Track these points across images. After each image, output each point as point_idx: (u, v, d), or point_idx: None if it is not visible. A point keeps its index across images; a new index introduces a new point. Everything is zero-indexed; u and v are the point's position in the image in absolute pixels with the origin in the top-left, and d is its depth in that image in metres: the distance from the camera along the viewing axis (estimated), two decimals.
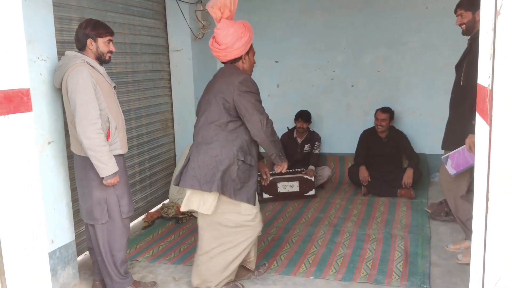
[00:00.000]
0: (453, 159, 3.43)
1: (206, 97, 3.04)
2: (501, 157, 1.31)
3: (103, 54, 3.02)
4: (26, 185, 1.69)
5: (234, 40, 2.92)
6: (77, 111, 2.81)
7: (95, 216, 3.02)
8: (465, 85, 3.37)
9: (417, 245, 3.79)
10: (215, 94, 2.95)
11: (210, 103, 2.97)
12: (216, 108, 2.94)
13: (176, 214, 4.67)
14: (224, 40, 2.92)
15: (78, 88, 2.80)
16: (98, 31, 2.98)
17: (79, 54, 2.97)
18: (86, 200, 3.04)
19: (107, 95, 2.96)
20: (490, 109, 1.31)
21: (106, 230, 3.07)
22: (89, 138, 2.81)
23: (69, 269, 3.30)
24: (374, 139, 5.34)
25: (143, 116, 4.81)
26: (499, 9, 1.27)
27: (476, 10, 3.27)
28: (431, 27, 5.42)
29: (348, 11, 5.70)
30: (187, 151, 4.76)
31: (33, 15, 2.91)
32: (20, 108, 1.65)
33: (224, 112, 2.92)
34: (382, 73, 5.71)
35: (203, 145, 2.96)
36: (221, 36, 2.93)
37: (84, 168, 2.99)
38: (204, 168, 2.91)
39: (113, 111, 3.00)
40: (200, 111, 3.07)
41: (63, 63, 2.92)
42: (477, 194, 1.51)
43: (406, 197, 5.03)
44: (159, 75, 5.16)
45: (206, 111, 2.99)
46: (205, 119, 2.98)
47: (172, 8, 5.20)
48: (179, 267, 3.61)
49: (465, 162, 3.36)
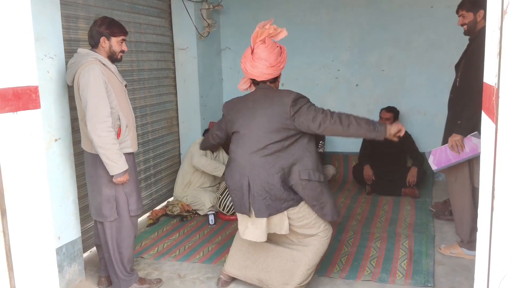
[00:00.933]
0: (435, 155, 3.51)
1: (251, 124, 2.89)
2: (507, 155, 1.31)
3: (115, 53, 3.04)
4: (33, 182, 1.71)
5: (281, 59, 2.90)
6: (88, 108, 2.81)
7: (104, 213, 3.03)
8: (461, 86, 3.38)
9: (421, 243, 3.79)
10: (268, 119, 2.85)
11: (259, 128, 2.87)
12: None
13: (181, 212, 4.69)
14: (270, 58, 2.85)
15: (90, 86, 2.81)
16: (112, 30, 3.00)
17: (91, 52, 2.98)
18: (96, 197, 3.05)
19: (118, 93, 2.97)
20: (496, 108, 1.32)
21: (115, 228, 3.08)
22: (100, 136, 2.82)
23: (75, 265, 3.32)
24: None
25: (148, 114, 4.83)
26: (505, 8, 1.27)
27: (478, 11, 3.28)
28: (436, 26, 5.41)
29: (353, 10, 5.69)
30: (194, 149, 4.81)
31: (40, 14, 2.93)
32: (29, 105, 1.66)
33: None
34: (387, 72, 5.70)
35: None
36: (267, 53, 2.85)
37: (94, 165, 3.00)
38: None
39: (124, 109, 3.01)
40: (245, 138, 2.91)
41: (75, 61, 2.93)
42: (483, 192, 1.51)
43: (411, 196, 5.03)
44: (164, 74, 5.17)
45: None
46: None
47: (177, 7, 5.21)
48: (184, 264, 3.62)
49: (447, 160, 3.43)
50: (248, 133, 2.89)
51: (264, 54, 2.85)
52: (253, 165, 2.83)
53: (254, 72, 2.89)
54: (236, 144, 2.95)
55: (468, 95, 3.25)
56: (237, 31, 6.06)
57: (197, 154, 4.76)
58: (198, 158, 4.74)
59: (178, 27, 5.29)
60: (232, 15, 6.04)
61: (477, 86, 3.25)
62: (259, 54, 2.86)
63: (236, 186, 2.90)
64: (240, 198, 2.88)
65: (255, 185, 2.82)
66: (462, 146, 3.33)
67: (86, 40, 3.69)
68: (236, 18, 6.04)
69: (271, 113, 2.85)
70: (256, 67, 2.86)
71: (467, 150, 3.32)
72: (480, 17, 3.26)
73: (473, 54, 3.23)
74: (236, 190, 2.90)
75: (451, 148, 3.37)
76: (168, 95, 5.26)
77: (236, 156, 2.93)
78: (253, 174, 2.82)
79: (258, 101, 2.93)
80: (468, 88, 3.26)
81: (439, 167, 3.50)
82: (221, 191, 4.61)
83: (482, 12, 3.25)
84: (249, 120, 2.91)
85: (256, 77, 2.92)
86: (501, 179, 1.33)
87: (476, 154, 3.28)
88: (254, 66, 2.87)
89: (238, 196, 2.89)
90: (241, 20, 6.02)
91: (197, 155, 4.76)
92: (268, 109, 2.86)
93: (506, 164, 1.32)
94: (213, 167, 4.73)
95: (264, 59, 2.85)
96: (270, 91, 2.95)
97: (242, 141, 2.91)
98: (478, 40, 3.20)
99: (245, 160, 2.86)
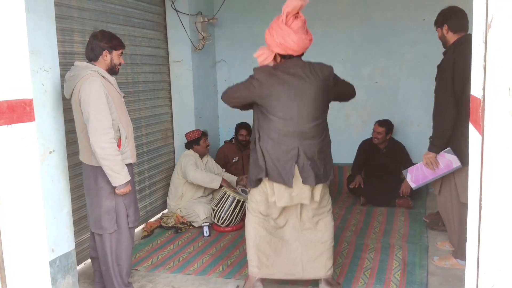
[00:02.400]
0: (412, 173, 3.62)
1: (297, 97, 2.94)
2: (493, 166, 1.34)
3: (115, 66, 3.08)
4: (27, 194, 1.71)
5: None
6: (90, 121, 2.83)
7: (103, 225, 3.02)
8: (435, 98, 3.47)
9: (415, 254, 3.80)
10: (316, 91, 2.95)
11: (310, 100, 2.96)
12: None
13: (175, 224, 4.69)
14: (308, 31, 2.95)
15: (91, 98, 2.83)
16: (114, 43, 3.04)
17: (90, 64, 3.00)
18: (95, 209, 3.04)
19: (118, 105, 3.00)
20: (482, 120, 1.35)
21: (114, 240, 3.07)
22: (103, 147, 2.83)
23: (69, 278, 3.31)
24: (373, 150, 5.38)
25: (143, 126, 4.85)
26: (489, 22, 1.30)
27: (442, 25, 3.41)
28: (428, 38, 5.46)
29: (347, 23, 5.75)
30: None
31: (36, 27, 2.96)
32: (23, 118, 1.68)
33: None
34: (380, 84, 5.76)
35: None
36: (305, 26, 2.92)
37: (93, 177, 3.00)
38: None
39: (124, 121, 3.03)
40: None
41: (74, 74, 2.94)
42: (471, 202, 1.54)
43: (404, 207, 5.05)
44: (159, 86, 5.20)
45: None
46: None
47: (172, 20, 5.26)
48: (178, 276, 3.62)
49: (424, 177, 3.56)
50: (297, 105, 2.93)
51: (305, 27, 2.89)
52: (304, 136, 2.94)
53: (295, 46, 2.87)
54: (281, 116, 2.93)
55: (434, 111, 3.35)
56: (232, 43, 6.11)
57: (191, 169, 4.75)
58: (193, 173, 4.73)
59: (173, 40, 5.34)
60: (226, 28, 6.10)
61: (437, 100, 3.35)
62: (301, 27, 2.87)
63: (279, 156, 2.95)
64: (283, 167, 2.94)
65: (306, 154, 2.94)
66: (437, 163, 3.40)
67: (82, 53, 3.74)
68: (231, 31, 6.10)
69: (318, 85, 2.94)
70: (301, 40, 2.87)
71: (442, 166, 3.40)
72: (446, 31, 3.38)
73: (441, 69, 3.34)
74: (280, 159, 2.95)
75: (426, 166, 3.46)
76: (163, 107, 5.29)
77: (284, 127, 2.94)
78: (303, 145, 2.94)
79: (300, 74, 2.94)
80: (436, 103, 3.37)
81: (418, 185, 3.63)
82: (216, 202, 4.60)
83: (445, 26, 3.39)
84: (295, 94, 2.92)
85: (296, 51, 2.91)
86: (488, 189, 1.36)
87: (451, 170, 3.36)
88: (298, 39, 2.85)
89: (281, 165, 2.95)
90: (236, 33, 6.07)
91: (191, 170, 4.74)
92: (314, 82, 2.94)
93: (493, 175, 1.34)
94: (210, 179, 4.74)
95: (304, 33, 2.89)
96: (308, 64, 2.99)
97: (290, 113, 2.93)
98: (446, 55, 3.37)
99: (295, 131, 2.93)
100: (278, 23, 2.86)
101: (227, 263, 3.81)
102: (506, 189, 1.32)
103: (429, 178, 3.52)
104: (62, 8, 3.58)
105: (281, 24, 2.85)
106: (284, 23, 2.84)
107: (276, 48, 2.91)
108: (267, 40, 2.94)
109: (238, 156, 5.66)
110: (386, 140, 5.34)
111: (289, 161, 2.94)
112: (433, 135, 3.40)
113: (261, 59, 3.02)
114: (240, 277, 3.53)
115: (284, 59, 2.99)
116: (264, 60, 3.01)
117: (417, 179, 3.58)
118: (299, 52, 2.95)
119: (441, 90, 3.31)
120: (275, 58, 3.00)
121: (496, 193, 1.34)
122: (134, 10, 4.67)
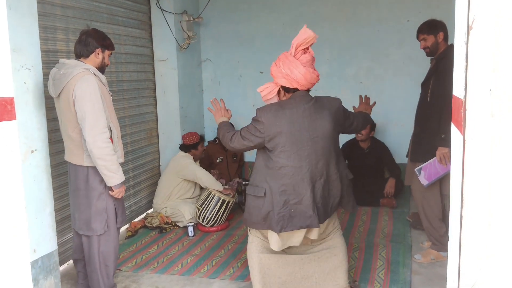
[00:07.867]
0: (426, 170, 3.60)
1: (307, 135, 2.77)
2: (474, 166, 1.36)
3: (105, 65, 3.04)
4: (9, 194, 1.69)
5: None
6: (87, 120, 2.76)
7: (93, 227, 2.96)
8: (432, 102, 3.53)
9: (398, 253, 3.84)
10: (328, 124, 2.82)
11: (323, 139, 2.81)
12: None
13: (160, 224, 4.66)
14: (314, 67, 2.87)
15: (87, 97, 2.77)
16: (107, 42, 3.02)
17: (80, 62, 2.93)
18: (84, 211, 2.97)
19: (109, 104, 2.96)
20: (464, 120, 1.36)
21: (103, 241, 3.02)
22: (100, 147, 2.78)
23: (51, 278, 3.27)
24: (356, 150, 5.41)
25: (128, 125, 4.81)
26: (471, 24, 1.32)
27: (437, 33, 3.52)
28: (412, 39, 5.44)
29: (332, 24, 5.78)
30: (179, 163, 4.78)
31: (18, 24, 2.92)
32: (4, 117, 1.65)
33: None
34: (365, 84, 5.79)
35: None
36: (313, 62, 2.83)
37: (83, 178, 2.94)
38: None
39: (113, 120, 2.99)
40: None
41: (65, 72, 2.85)
42: (453, 202, 1.56)
43: (388, 207, 5.10)
44: (144, 85, 5.17)
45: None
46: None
47: (157, 19, 5.23)
48: (162, 276, 3.60)
49: (436, 173, 3.55)
50: (307, 141, 2.75)
51: (313, 63, 2.81)
52: (317, 172, 2.78)
53: (301, 79, 2.74)
54: (292, 156, 2.75)
55: (446, 111, 3.37)
56: (218, 43, 6.09)
57: (198, 168, 4.72)
58: (200, 171, 4.69)
59: (158, 39, 5.31)
60: (212, 27, 6.08)
61: (447, 99, 3.38)
62: (309, 61, 2.78)
63: (297, 200, 2.75)
64: (302, 211, 2.75)
65: (318, 191, 2.79)
66: (450, 157, 3.43)
67: (65, 51, 3.70)
68: (217, 30, 6.08)
69: (329, 119, 2.82)
70: (309, 73, 2.75)
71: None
72: (441, 39, 3.48)
73: (446, 72, 3.37)
74: (297, 203, 2.75)
75: (439, 161, 3.46)
76: (148, 106, 5.25)
77: (296, 167, 2.74)
78: (315, 180, 2.78)
79: (309, 109, 2.79)
80: (444, 104, 3.39)
81: (430, 181, 3.59)
82: (201, 202, 4.59)
83: (441, 34, 3.49)
84: (307, 129, 2.76)
85: (302, 85, 2.77)
86: (469, 188, 1.37)
87: None
88: (305, 72, 2.73)
89: (300, 209, 2.75)
90: (222, 32, 6.06)
91: (199, 169, 4.70)
92: (326, 116, 2.81)
93: (474, 174, 1.36)
94: (214, 180, 4.70)
95: (313, 68, 2.80)
96: (318, 98, 2.89)
97: (300, 151, 2.74)
98: (447, 59, 3.37)
99: (309, 169, 2.74)
100: (286, 55, 2.77)
101: (212, 263, 3.80)
102: (486, 188, 1.34)
103: (440, 174, 3.51)
104: (45, 6, 3.54)
105: (289, 56, 2.75)
106: (292, 55, 2.75)
107: (282, 80, 2.76)
108: (272, 71, 2.82)
109: (222, 156, 5.65)
110: (369, 138, 5.37)
111: (304, 203, 2.76)
112: (446, 131, 3.42)
113: (264, 93, 2.87)
114: (224, 277, 3.53)
115: (289, 93, 2.84)
116: (268, 94, 2.86)
117: (430, 176, 3.56)
118: (305, 87, 2.79)
119: (450, 90, 3.35)
120: (279, 93, 2.86)
121: (477, 193, 1.36)
122: (119, 8, 4.63)
